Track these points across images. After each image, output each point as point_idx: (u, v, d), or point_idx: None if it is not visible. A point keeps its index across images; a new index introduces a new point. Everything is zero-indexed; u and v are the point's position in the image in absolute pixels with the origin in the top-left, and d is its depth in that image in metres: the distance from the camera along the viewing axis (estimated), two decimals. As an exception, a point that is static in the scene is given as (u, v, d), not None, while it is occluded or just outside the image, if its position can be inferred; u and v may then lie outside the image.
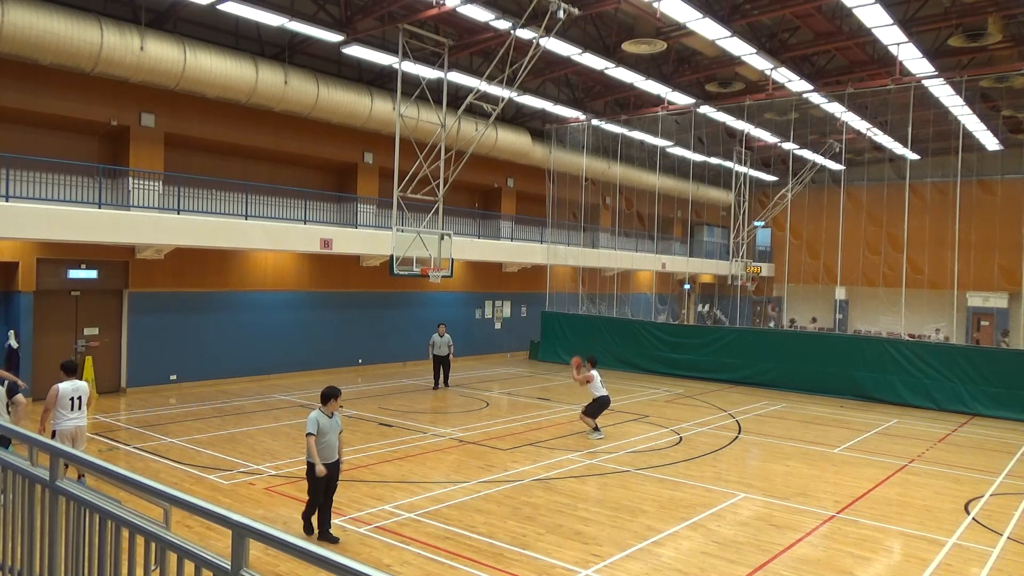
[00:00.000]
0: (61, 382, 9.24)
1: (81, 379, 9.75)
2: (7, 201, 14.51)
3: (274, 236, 18.98)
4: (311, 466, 8.19)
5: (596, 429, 14.48)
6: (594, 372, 14.73)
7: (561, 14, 15.73)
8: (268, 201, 19.86)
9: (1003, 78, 21.78)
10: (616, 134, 28.56)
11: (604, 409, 14.64)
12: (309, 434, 8.16)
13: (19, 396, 9.14)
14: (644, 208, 33.12)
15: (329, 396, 8.38)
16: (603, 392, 14.60)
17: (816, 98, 24.29)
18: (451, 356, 20.41)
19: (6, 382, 9.25)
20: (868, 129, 28.28)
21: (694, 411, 17.86)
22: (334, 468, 8.34)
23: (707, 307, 41.16)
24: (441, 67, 19.01)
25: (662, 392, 20.85)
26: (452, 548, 8.19)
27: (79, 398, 9.30)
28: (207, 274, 19.34)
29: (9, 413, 9.09)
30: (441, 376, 20.33)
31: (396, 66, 18.81)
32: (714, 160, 33.74)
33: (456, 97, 21.48)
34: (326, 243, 20.04)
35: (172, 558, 3.17)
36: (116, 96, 17.27)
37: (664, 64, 23.43)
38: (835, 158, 32.78)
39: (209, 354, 19.31)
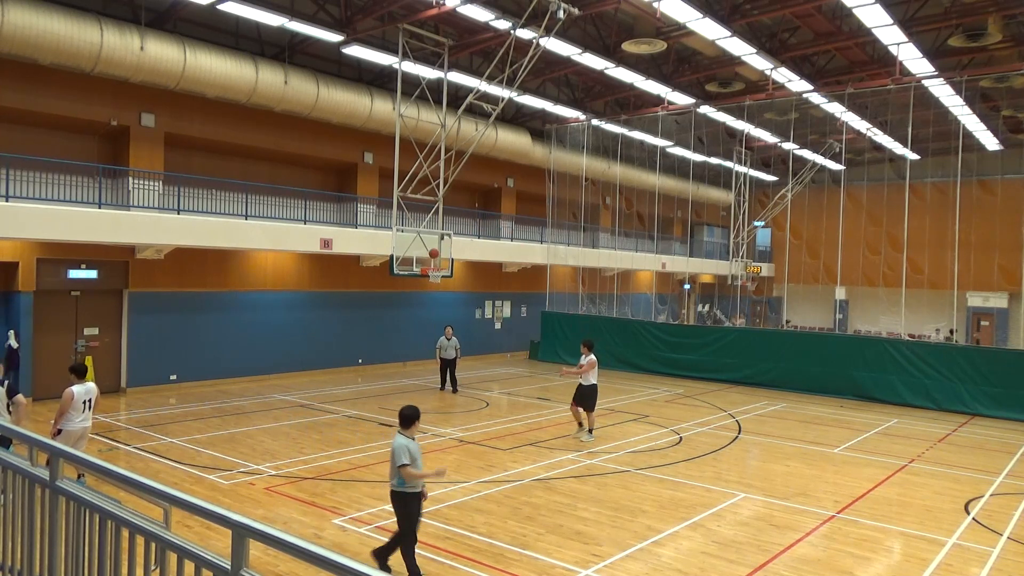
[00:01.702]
0: (73, 385, 9.39)
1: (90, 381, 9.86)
2: (7, 201, 14.51)
3: (274, 236, 18.98)
4: (403, 497, 7.15)
5: (583, 429, 14.20)
6: (593, 356, 14.25)
7: (561, 14, 15.73)
8: (268, 201, 19.86)
9: (1003, 78, 21.79)
10: (616, 134, 28.56)
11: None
12: (404, 466, 7.03)
13: (19, 396, 9.21)
14: (644, 208, 33.12)
15: (412, 418, 7.34)
16: (593, 380, 14.18)
17: (816, 98, 24.29)
18: (457, 359, 19.74)
19: (6, 382, 9.28)
20: (868, 129, 28.29)
21: (694, 411, 17.86)
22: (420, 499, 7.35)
23: (707, 307, 41.16)
24: (441, 67, 19.02)
25: (662, 392, 20.85)
26: (452, 548, 8.19)
27: (90, 400, 9.52)
28: (207, 274, 19.34)
29: (10, 413, 9.14)
30: (448, 379, 19.63)
31: (396, 66, 18.81)
32: (714, 160, 33.74)
33: (456, 97, 21.49)
34: (326, 243, 20.04)
35: (172, 558, 3.17)
36: (116, 96, 17.28)
37: (664, 64, 23.43)
38: (835, 158, 32.78)
39: (209, 354, 19.31)
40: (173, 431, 13.81)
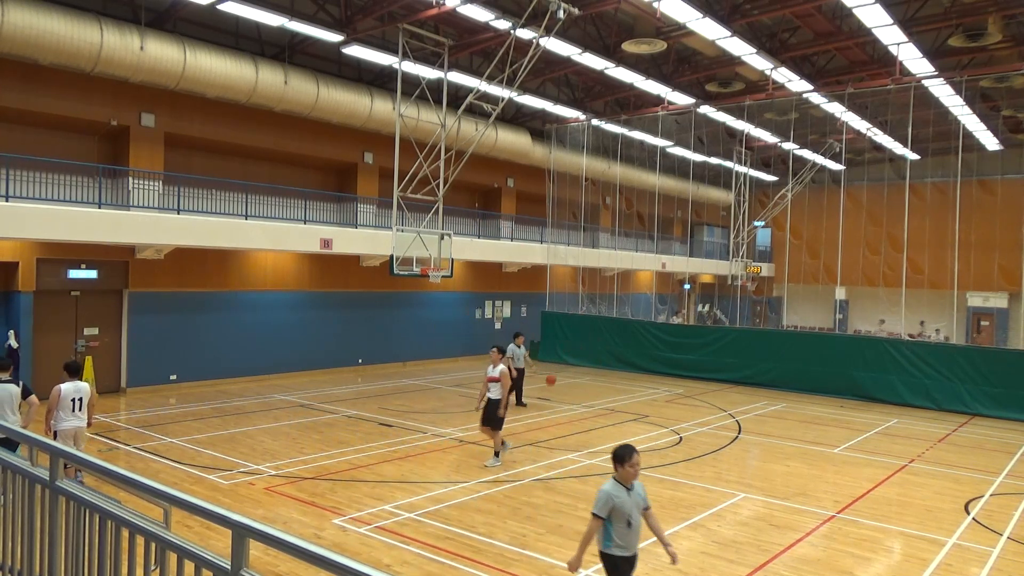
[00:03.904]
0: (63, 383, 9.27)
1: (83, 380, 9.77)
2: (7, 201, 14.51)
3: (274, 236, 18.97)
4: (607, 560, 5.82)
5: (504, 446, 12.20)
6: (504, 367, 12.34)
7: (561, 14, 15.72)
8: (268, 201, 19.86)
9: (1003, 78, 21.78)
10: (616, 134, 28.55)
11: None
12: (596, 516, 5.68)
13: (32, 397, 9.16)
14: (644, 208, 33.12)
15: (622, 457, 5.77)
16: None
17: (816, 98, 24.29)
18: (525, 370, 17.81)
19: (21, 382, 9.24)
20: (868, 129, 28.28)
21: (694, 411, 17.86)
22: (634, 564, 5.87)
23: (707, 307, 41.15)
24: (441, 67, 19.01)
25: (662, 392, 20.85)
26: (452, 548, 8.19)
27: (80, 399, 9.33)
28: (207, 274, 19.34)
29: (21, 413, 9.13)
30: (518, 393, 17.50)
31: (396, 66, 18.81)
32: (714, 160, 33.74)
33: (456, 97, 21.47)
34: (326, 243, 20.04)
35: (172, 558, 3.17)
36: (116, 96, 17.27)
37: (664, 64, 23.42)
38: (835, 158, 32.78)
39: (209, 354, 19.31)
40: (173, 431, 13.81)
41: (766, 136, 30.10)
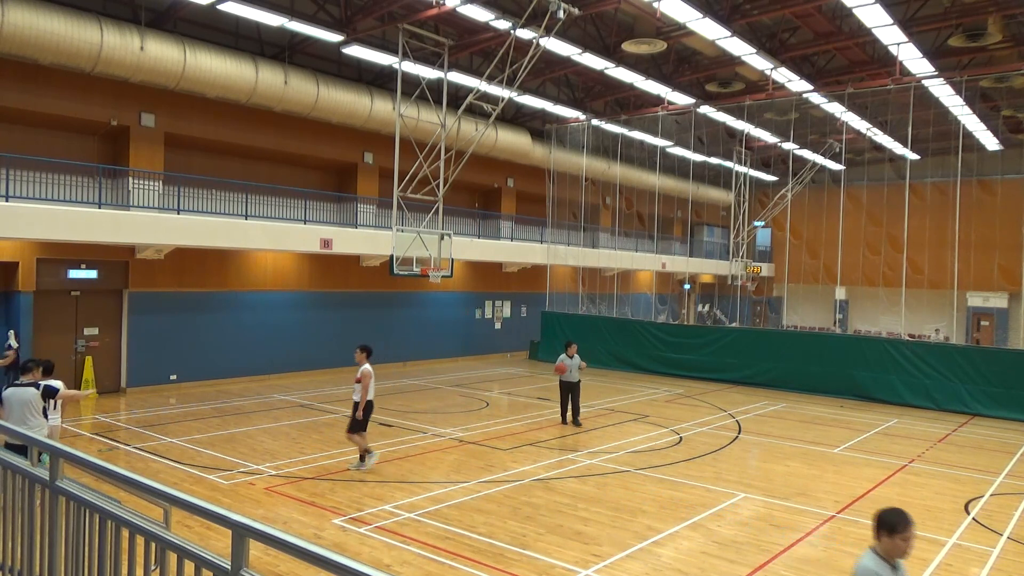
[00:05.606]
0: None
1: (58, 379, 9.85)
2: (7, 201, 14.51)
3: (274, 236, 18.97)
4: None
5: (369, 453, 11.48)
6: (369, 367, 11.41)
7: (561, 14, 15.72)
8: (268, 201, 19.86)
9: (1003, 78, 21.79)
10: (616, 134, 28.57)
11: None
12: None
13: (63, 391, 9.29)
14: (644, 208, 33.12)
15: (893, 526, 4.28)
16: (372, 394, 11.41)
17: (816, 98, 24.29)
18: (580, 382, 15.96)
19: (41, 385, 9.22)
20: (868, 129, 28.29)
21: (694, 411, 17.86)
22: None
23: (707, 307, 41.15)
24: (441, 67, 19.01)
25: (662, 392, 20.85)
26: (452, 548, 8.19)
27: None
28: (207, 274, 19.34)
29: (45, 417, 9.14)
30: (571, 408, 15.76)
31: (396, 66, 18.81)
32: (714, 160, 33.75)
33: (456, 97, 21.48)
34: (326, 243, 20.04)
35: (172, 558, 3.17)
36: (116, 96, 17.27)
37: (664, 64, 23.43)
38: (835, 158, 32.79)
39: (209, 354, 19.31)
40: (173, 431, 13.81)
41: (766, 136, 30.11)
